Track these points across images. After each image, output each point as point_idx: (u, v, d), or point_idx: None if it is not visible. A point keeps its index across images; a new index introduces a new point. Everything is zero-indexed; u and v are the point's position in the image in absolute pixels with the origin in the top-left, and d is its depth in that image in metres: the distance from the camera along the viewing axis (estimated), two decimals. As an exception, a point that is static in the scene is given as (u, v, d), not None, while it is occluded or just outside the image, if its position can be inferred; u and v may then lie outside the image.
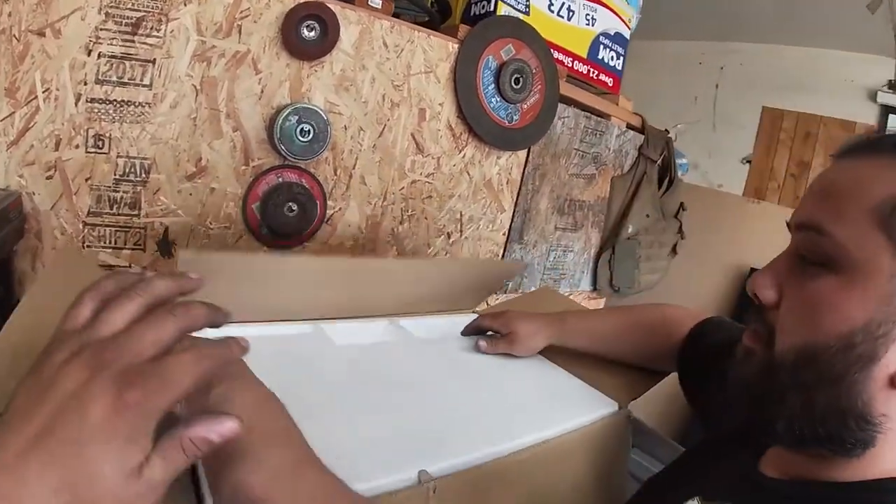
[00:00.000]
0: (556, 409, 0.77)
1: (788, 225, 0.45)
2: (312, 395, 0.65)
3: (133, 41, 0.85)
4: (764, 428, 0.44)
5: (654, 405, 0.87)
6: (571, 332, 0.84)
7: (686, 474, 0.56)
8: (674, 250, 1.82)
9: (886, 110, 1.97)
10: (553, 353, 0.91)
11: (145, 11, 0.85)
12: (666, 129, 1.68)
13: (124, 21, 0.84)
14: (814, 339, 0.39)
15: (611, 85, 1.58)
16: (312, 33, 1.01)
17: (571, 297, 1.76)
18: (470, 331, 0.92)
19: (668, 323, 0.79)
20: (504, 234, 1.49)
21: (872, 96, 1.96)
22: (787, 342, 0.41)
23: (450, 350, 0.91)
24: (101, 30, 0.82)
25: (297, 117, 1.00)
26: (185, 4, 0.88)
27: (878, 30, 1.77)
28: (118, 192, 0.89)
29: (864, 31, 1.79)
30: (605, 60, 1.54)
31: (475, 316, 1.09)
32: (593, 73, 1.52)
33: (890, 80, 1.89)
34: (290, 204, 1.06)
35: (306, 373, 0.72)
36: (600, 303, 1.84)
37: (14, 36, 0.76)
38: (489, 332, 0.92)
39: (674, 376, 0.80)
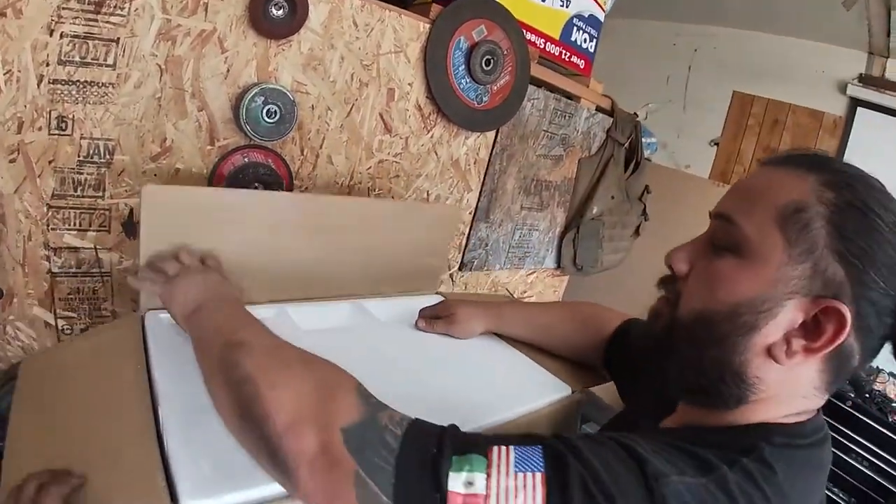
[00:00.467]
0: (515, 391, 0.86)
1: (710, 213, 0.55)
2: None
3: (96, 20, 0.86)
4: (661, 375, 0.56)
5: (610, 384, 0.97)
6: (509, 319, 0.93)
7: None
8: (637, 232, 1.92)
9: (855, 103, 2.06)
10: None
11: (108, -11, 0.86)
12: (635, 113, 1.75)
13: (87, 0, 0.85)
14: (709, 306, 0.50)
15: (582, 67, 1.63)
16: (280, 12, 1.03)
17: (535, 274, 1.85)
18: (419, 320, 0.99)
19: (598, 319, 0.89)
20: (470, 213, 1.56)
21: (842, 88, 2.06)
22: (688, 306, 0.52)
23: (413, 333, 0.99)
24: (63, 9, 0.83)
25: (263, 98, 1.03)
26: (150, -18, 0.89)
27: (852, 24, 1.85)
28: (82, 174, 0.92)
29: (839, 24, 1.87)
30: (578, 42, 1.59)
31: (437, 297, 1.17)
32: (565, 55, 1.57)
33: (861, 74, 1.99)
34: (256, 185, 1.10)
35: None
36: (563, 280, 1.94)
37: (-27, 17, 0.77)
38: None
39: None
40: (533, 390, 0.87)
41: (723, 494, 0.42)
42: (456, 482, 0.40)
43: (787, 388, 0.49)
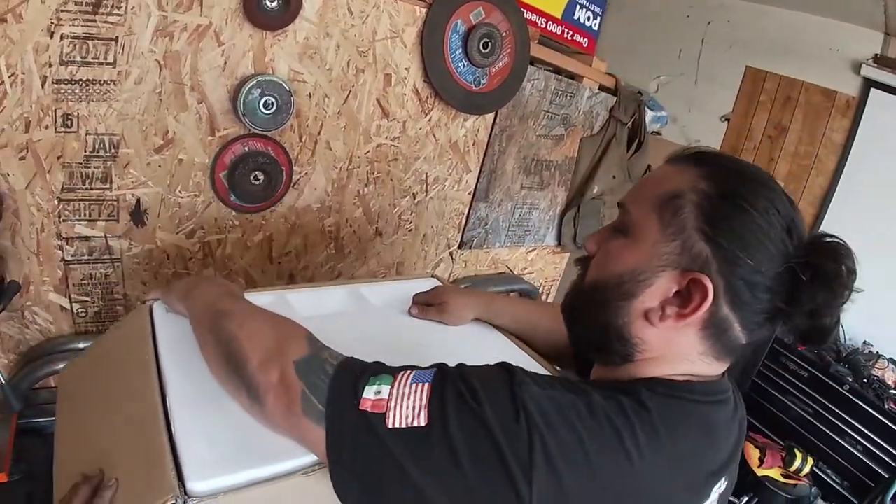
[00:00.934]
0: None
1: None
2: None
3: (94, 20, 0.88)
4: (575, 339, 0.67)
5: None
6: (498, 310, 0.98)
7: None
8: (637, 210, 1.92)
9: (868, 84, 1.98)
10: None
11: (105, -11, 0.88)
12: (639, 91, 1.72)
13: (84, 1, 0.87)
14: (602, 276, 0.59)
15: (585, 45, 1.61)
16: (274, 3, 1.03)
17: (536, 251, 1.88)
18: (412, 307, 1.02)
19: None
20: (470, 194, 1.58)
21: (857, 68, 1.97)
22: (590, 276, 0.62)
23: (407, 318, 1.02)
24: (61, 11, 0.85)
25: (259, 90, 1.06)
26: (145, -20, 0.91)
27: (868, 3, 1.76)
28: (89, 167, 0.96)
29: (855, 3, 1.78)
30: (581, 21, 1.56)
31: (432, 280, 1.20)
32: (568, 33, 1.55)
33: (876, 54, 1.90)
34: (256, 173, 1.14)
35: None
36: (564, 257, 1.96)
37: (-25, 23, 0.80)
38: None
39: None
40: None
41: (586, 411, 0.49)
42: (368, 392, 0.52)
43: (670, 350, 0.56)
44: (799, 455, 1.85)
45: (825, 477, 2.07)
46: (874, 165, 2.01)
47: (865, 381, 2.06)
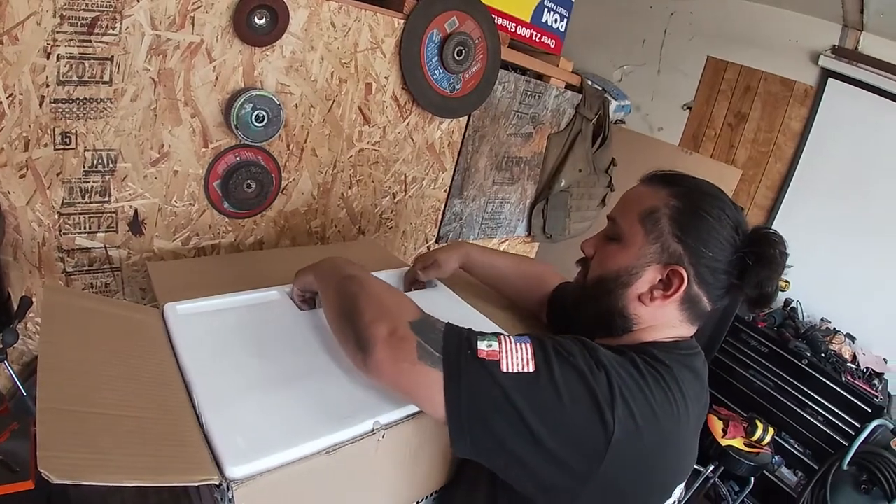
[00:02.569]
0: None
1: (607, 216, 0.81)
2: (281, 361, 0.78)
3: (90, 41, 0.90)
4: (579, 318, 0.82)
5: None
6: (475, 260, 1.09)
7: None
8: (603, 202, 2.02)
9: (826, 73, 2.09)
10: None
11: (99, 10, 0.89)
12: (603, 89, 1.81)
13: (79, 22, 0.87)
14: (603, 273, 0.77)
15: (553, 46, 1.68)
16: (263, 21, 1.07)
17: (507, 242, 1.97)
18: (407, 286, 1.09)
19: (542, 276, 1.08)
20: (445, 191, 1.65)
21: (815, 59, 2.06)
22: (591, 274, 0.79)
23: None
24: (57, 32, 0.86)
25: (251, 105, 1.09)
26: (138, 0, 0.93)
27: None
28: (88, 182, 0.98)
29: (814, -5, 1.85)
30: (549, 23, 1.63)
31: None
32: (536, 36, 1.61)
33: (834, 45, 2.01)
34: (249, 181, 1.18)
35: (275, 338, 0.83)
36: (534, 246, 2.06)
37: (-28, 47, 0.80)
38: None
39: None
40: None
41: (632, 367, 0.65)
42: (481, 344, 0.64)
43: (658, 320, 0.74)
44: (760, 426, 1.99)
45: (787, 446, 2.19)
46: (830, 152, 2.13)
47: (823, 355, 2.16)
